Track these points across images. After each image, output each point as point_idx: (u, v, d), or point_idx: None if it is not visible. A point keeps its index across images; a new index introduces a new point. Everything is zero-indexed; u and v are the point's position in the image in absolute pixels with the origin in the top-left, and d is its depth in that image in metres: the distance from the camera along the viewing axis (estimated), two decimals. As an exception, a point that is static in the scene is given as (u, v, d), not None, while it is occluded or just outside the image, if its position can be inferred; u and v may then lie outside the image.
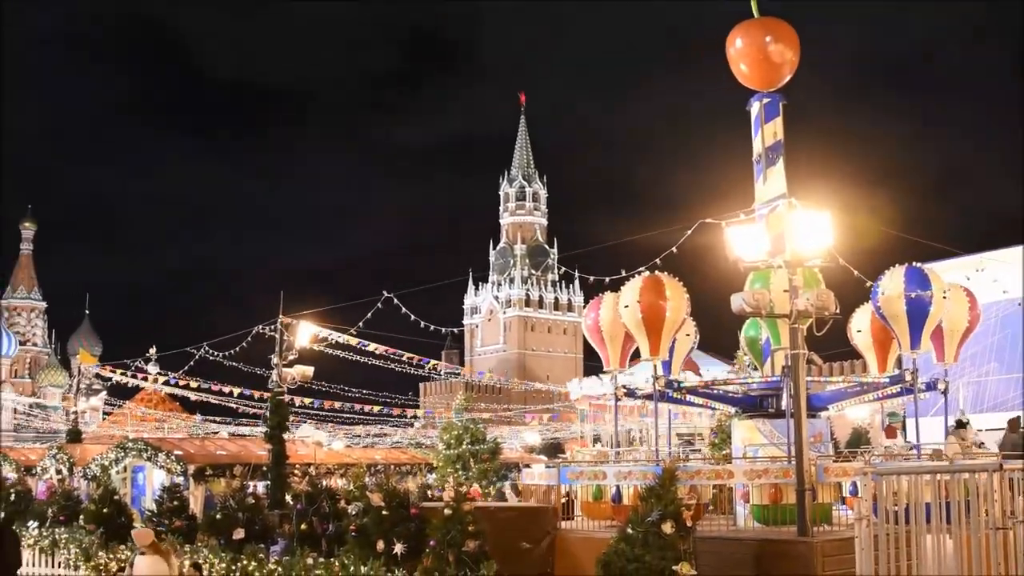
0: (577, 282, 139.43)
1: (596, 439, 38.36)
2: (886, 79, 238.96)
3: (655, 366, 22.25)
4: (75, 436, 43.03)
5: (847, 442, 36.23)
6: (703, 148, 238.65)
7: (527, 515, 20.61)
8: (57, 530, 27.39)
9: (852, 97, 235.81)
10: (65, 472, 34.45)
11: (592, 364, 32.08)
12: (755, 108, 21.69)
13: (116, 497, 26.97)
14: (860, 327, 23.31)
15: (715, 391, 23.67)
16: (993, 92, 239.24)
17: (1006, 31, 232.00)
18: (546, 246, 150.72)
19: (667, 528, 13.59)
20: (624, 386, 23.58)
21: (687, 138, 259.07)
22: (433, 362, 36.00)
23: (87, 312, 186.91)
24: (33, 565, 27.61)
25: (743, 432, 21.76)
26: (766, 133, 21.46)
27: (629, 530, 13.96)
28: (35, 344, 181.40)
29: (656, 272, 21.92)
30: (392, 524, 16.98)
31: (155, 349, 44.12)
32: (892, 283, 20.45)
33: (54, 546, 26.91)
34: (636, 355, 23.85)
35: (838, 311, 16.94)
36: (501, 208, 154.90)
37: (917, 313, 20.34)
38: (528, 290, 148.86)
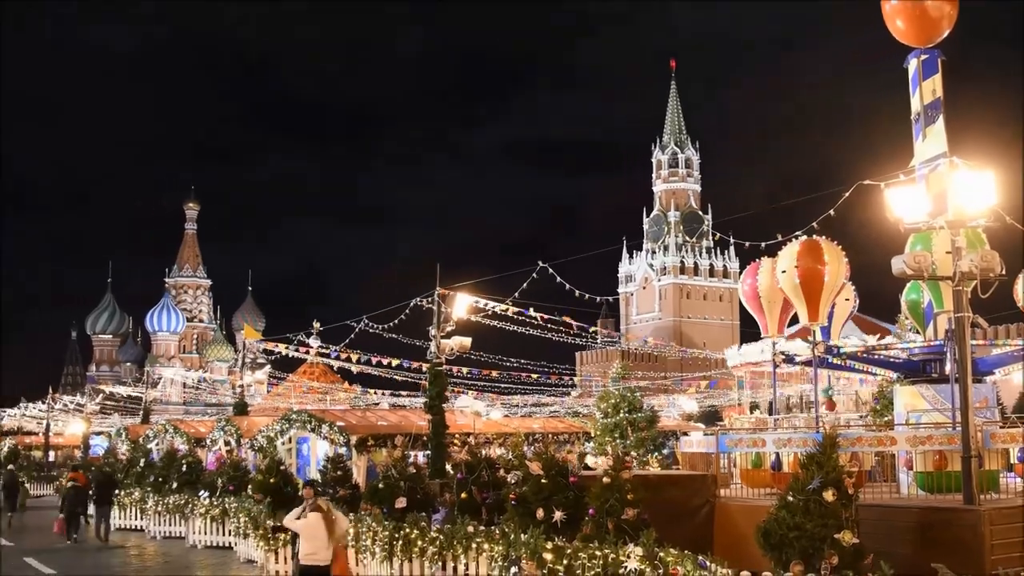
0: (732, 248, 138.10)
1: (754, 406, 38.04)
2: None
3: (814, 331, 21.94)
4: (242, 409, 44.21)
5: (1014, 407, 35.23)
6: (860, 108, 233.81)
7: (686, 483, 20.56)
8: (226, 499, 28.25)
9: (1018, 48, 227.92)
10: (233, 444, 35.43)
11: (749, 330, 31.72)
12: (912, 65, 21.17)
13: (282, 467, 27.69)
14: (1027, 288, 22.66)
15: (876, 356, 23.23)
16: None
17: None
18: (700, 212, 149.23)
19: (828, 496, 13.42)
20: (782, 352, 23.32)
21: (843, 98, 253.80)
22: (593, 329, 35.97)
23: (250, 289, 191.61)
24: (204, 533, 28.55)
25: (906, 398, 21.33)
26: (924, 90, 20.93)
27: (789, 498, 13.82)
28: (201, 320, 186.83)
29: (814, 236, 21.60)
30: (551, 492, 17.08)
31: (318, 323, 45.07)
32: (1061, 242, 19.81)
33: (224, 515, 27.77)
34: (794, 320, 23.56)
35: (1003, 272, 16.41)
36: (654, 175, 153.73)
37: (1088, 273, 19.69)
38: (683, 257, 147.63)
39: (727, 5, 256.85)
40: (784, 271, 21.75)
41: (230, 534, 27.50)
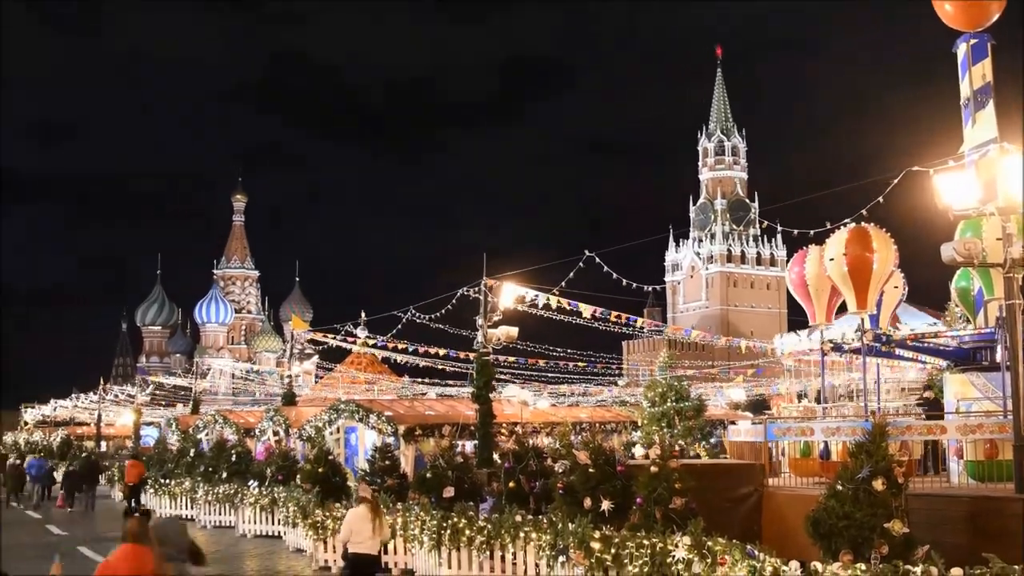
0: (780, 236, 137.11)
1: (802, 395, 37.85)
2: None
3: (862, 320, 21.81)
4: (290, 399, 44.51)
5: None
6: (908, 94, 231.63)
7: (734, 472, 20.51)
8: (275, 489, 28.45)
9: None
10: (282, 433, 35.65)
11: (797, 319, 31.56)
12: (962, 50, 20.94)
13: (330, 457, 27.81)
14: (1080, 275, 22.37)
15: (926, 344, 23.05)
16: None
17: None
18: (747, 200, 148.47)
19: (878, 485, 13.34)
20: (830, 340, 23.19)
21: (891, 84, 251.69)
22: (640, 320, 35.89)
23: (297, 279, 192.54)
24: (254, 522, 28.77)
25: (956, 386, 21.17)
26: (974, 75, 20.72)
27: (839, 487, 13.74)
28: (249, 311, 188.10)
29: (862, 223, 21.44)
30: (599, 482, 17.08)
31: (364, 314, 45.26)
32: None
33: (273, 504, 27.98)
34: (842, 308, 23.41)
35: (1055, 258, 16.22)
36: (700, 163, 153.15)
37: None
38: (730, 245, 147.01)
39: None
40: (832, 259, 21.60)
41: (279, 523, 27.69)
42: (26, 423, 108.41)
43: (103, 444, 69.45)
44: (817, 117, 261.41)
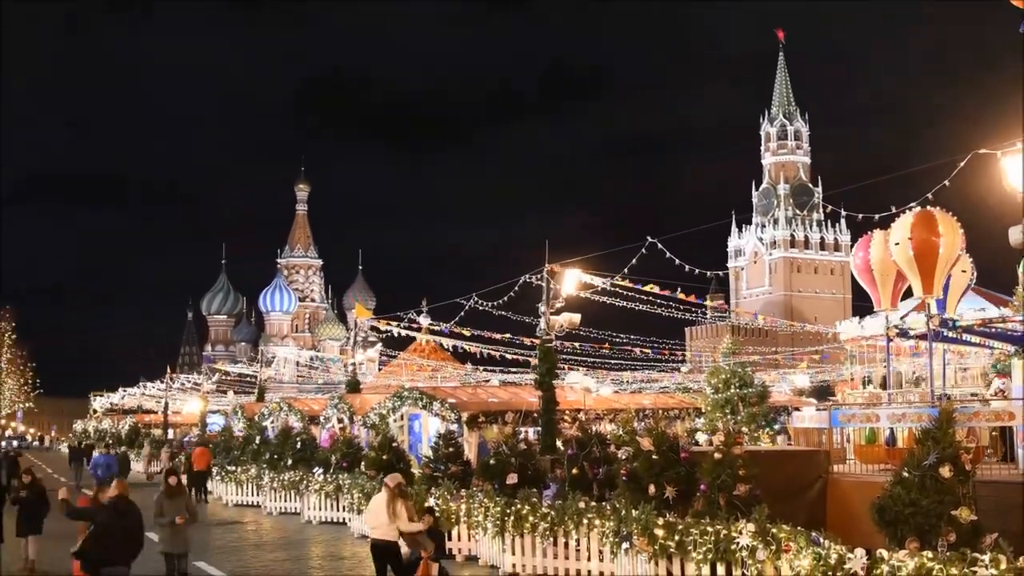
0: (843, 220, 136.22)
1: (867, 381, 37.44)
2: None
3: (929, 304, 21.57)
4: (354, 387, 44.76)
5: None
6: (974, 75, 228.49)
7: (798, 459, 20.39)
8: (340, 476, 28.66)
9: None
10: (346, 421, 35.90)
11: (861, 304, 31.23)
12: (1028, 30, 20.60)
13: (394, 444, 27.98)
14: None
15: (994, 329, 22.75)
16: None
17: None
18: (810, 185, 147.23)
19: (945, 472, 13.21)
20: (896, 326, 22.96)
21: (957, 66, 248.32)
22: (707, 303, 35.76)
23: (360, 268, 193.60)
24: (319, 509, 29.02)
25: (1024, 371, 20.87)
26: (1041, 56, 20.38)
27: (905, 474, 13.63)
28: (313, 300, 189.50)
29: (928, 207, 21.21)
30: (662, 468, 17.04)
31: (426, 301, 45.45)
32: None
33: (338, 491, 28.19)
34: (908, 293, 23.17)
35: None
36: (762, 148, 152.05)
37: None
38: (793, 231, 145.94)
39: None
40: (898, 243, 21.37)
41: (344, 510, 27.90)
42: (95, 411, 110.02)
43: (170, 432, 70.24)
44: (881, 100, 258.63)
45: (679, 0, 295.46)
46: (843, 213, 29.46)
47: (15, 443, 74.57)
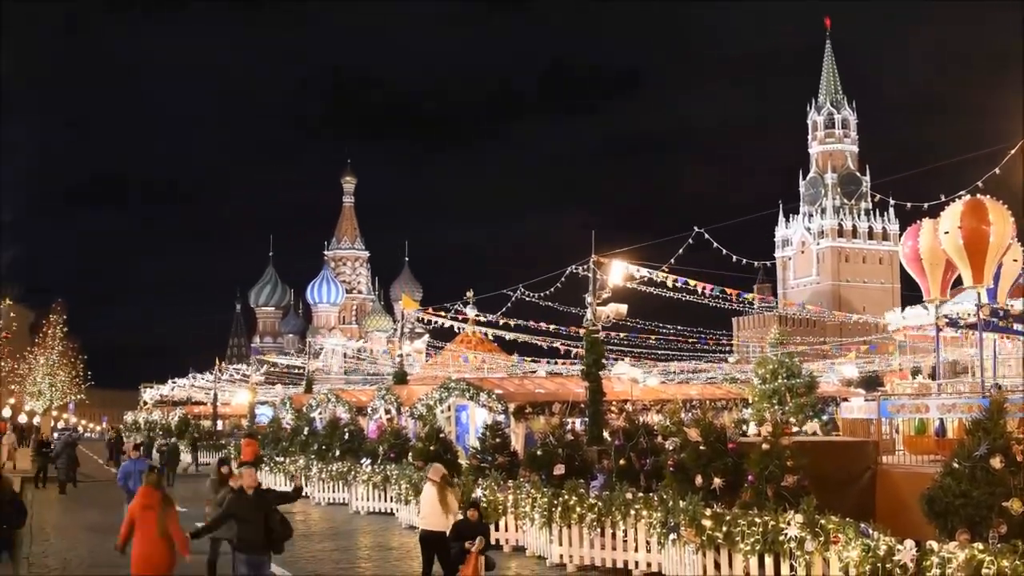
0: (892, 209, 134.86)
1: (916, 371, 37.24)
2: None
3: (979, 294, 21.40)
4: (401, 378, 44.89)
5: None
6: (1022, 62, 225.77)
7: (847, 449, 20.28)
8: (388, 467, 28.79)
9: None
10: (393, 412, 36.04)
11: (910, 294, 31.03)
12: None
13: (441, 435, 28.08)
14: None
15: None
16: None
17: None
18: (857, 174, 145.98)
19: (996, 463, 13.12)
20: (946, 316, 22.79)
21: (1004, 53, 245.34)
22: (751, 295, 35.58)
23: (407, 259, 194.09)
24: (367, 499, 29.17)
25: (1077, 361, 20.67)
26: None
27: (955, 465, 13.55)
28: (360, 292, 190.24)
29: (977, 195, 21.03)
30: (710, 459, 17.00)
31: (472, 292, 45.48)
32: None
33: (385, 481, 28.33)
34: (958, 282, 23.00)
35: None
36: (809, 137, 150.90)
37: None
38: (841, 220, 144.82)
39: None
40: (947, 232, 21.21)
41: (392, 500, 28.03)
42: (145, 403, 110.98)
43: (219, 423, 70.76)
44: (931, 88, 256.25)
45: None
46: (891, 202, 29.25)
47: (67, 433, 75.51)
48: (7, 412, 69.32)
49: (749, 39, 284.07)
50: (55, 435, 67.48)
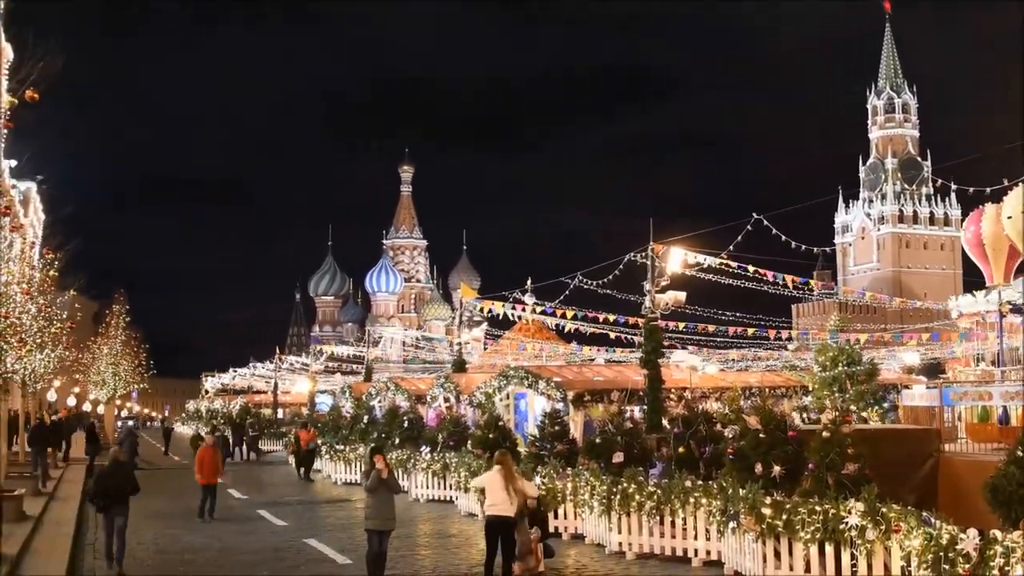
0: (954, 194, 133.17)
1: (979, 358, 36.79)
2: None
3: (1042, 280, 21.16)
4: (460, 366, 45.04)
5: None
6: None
7: (909, 437, 20.14)
8: (447, 454, 28.89)
9: None
10: (452, 400, 36.16)
11: (973, 280, 30.69)
12: None
13: (500, 423, 28.10)
14: None
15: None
16: None
17: None
18: (918, 158, 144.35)
19: (1061, 450, 12.98)
20: (1009, 302, 22.56)
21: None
22: (810, 282, 35.38)
23: (465, 248, 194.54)
24: (426, 487, 29.30)
25: None
26: None
27: (1019, 453, 13.41)
28: (418, 280, 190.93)
29: (1041, 180, 20.80)
30: (769, 447, 16.93)
31: (531, 281, 45.51)
32: None
33: (445, 469, 28.43)
34: (1022, 268, 22.77)
35: None
36: (869, 122, 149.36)
37: None
38: (901, 205, 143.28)
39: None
40: (1010, 216, 21.03)
41: (451, 488, 28.12)
42: (207, 391, 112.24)
43: (279, 411, 71.37)
44: (992, 70, 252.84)
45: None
46: (953, 187, 28.98)
47: (130, 423, 76.54)
48: (71, 400, 70.52)
49: (807, 25, 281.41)
50: (118, 423, 68.45)
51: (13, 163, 32.49)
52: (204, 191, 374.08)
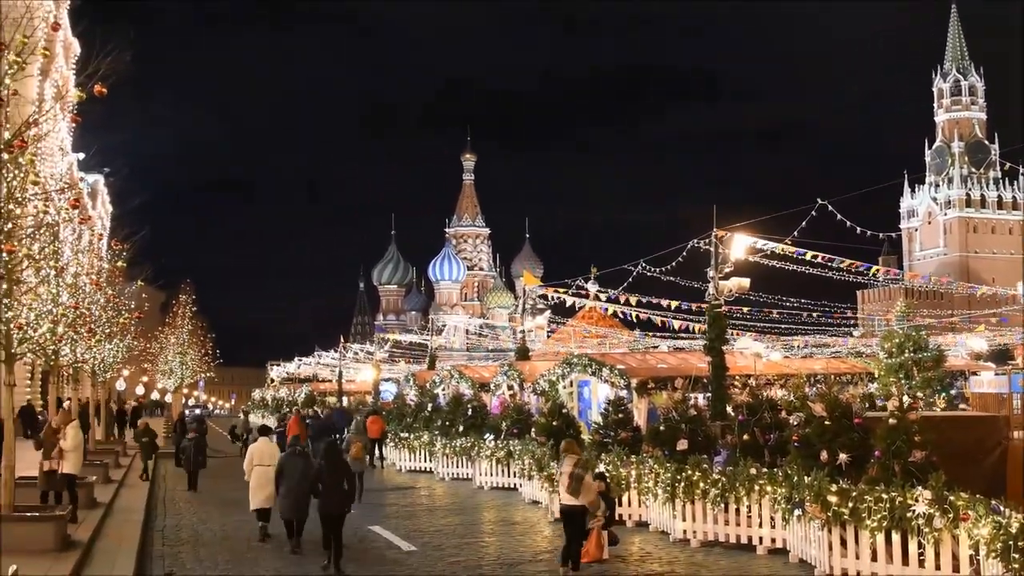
0: (1022, 178, 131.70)
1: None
2: None
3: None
4: (523, 354, 45.10)
5: None
6: None
7: (977, 424, 19.94)
8: (511, 442, 28.97)
9: None
10: (516, 387, 36.23)
11: (1042, 265, 30.24)
12: None
13: (564, 411, 28.11)
14: None
15: None
16: None
17: None
18: (986, 142, 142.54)
19: None
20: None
21: None
22: (875, 268, 35.07)
23: (527, 236, 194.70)
24: (490, 475, 29.41)
25: None
26: None
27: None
28: (481, 268, 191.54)
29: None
30: (835, 434, 16.83)
31: (595, 268, 45.48)
32: None
33: (509, 457, 28.52)
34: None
35: None
36: (935, 105, 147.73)
37: None
38: (968, 190, 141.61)
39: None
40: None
41: (515, 476, 28.19)
42: (272, 380, 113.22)
43: (344, 399, 71.87)
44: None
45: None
46: (1022, 170, 28.56)
47: (197, 411, 77.45)
48: (140, 390, 71.48)
49: (870, 10, 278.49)
50: (185, 412, 69.33)
51: (81, 156, 32.89)
52: (275, 187, 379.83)
